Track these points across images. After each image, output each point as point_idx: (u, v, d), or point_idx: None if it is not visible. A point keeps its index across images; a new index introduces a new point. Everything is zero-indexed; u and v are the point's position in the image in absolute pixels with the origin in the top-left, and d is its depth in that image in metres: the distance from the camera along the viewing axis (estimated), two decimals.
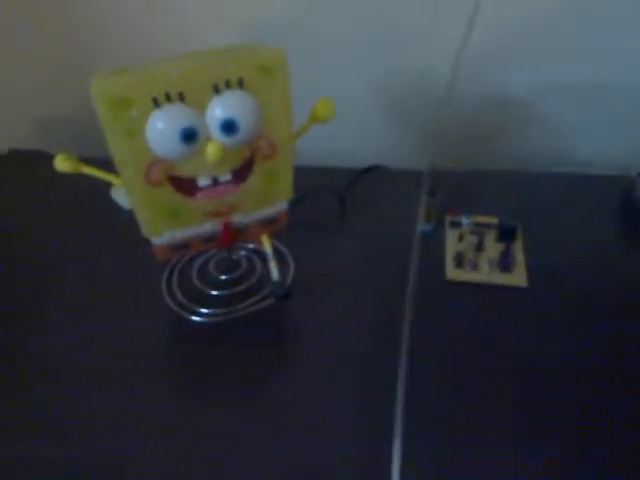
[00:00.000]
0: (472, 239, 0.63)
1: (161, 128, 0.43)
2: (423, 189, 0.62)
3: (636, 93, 0.70)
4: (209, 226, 0.52)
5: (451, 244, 0.63)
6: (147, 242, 0.51)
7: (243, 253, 0.63)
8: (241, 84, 0.45)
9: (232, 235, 0.53)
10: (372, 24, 0.69)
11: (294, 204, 0.56)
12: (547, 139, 0.75)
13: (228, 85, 0.44)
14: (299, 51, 0.60)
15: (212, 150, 0.45)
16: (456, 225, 0.65)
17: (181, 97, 0.43)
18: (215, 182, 0.48)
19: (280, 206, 0.54)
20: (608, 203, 0.68)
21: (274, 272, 0.56)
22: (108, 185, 0.49)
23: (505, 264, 0.60)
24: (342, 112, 0.53)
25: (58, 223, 0.68)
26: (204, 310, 0.57)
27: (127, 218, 0.49)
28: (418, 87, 0.73)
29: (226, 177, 0.49)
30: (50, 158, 0.47)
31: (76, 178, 0.48)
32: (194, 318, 0.56)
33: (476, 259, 0.61)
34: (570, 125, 0.74)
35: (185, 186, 0.48)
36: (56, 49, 0.74)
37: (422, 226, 0.64)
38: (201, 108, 0.44)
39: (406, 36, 0.69)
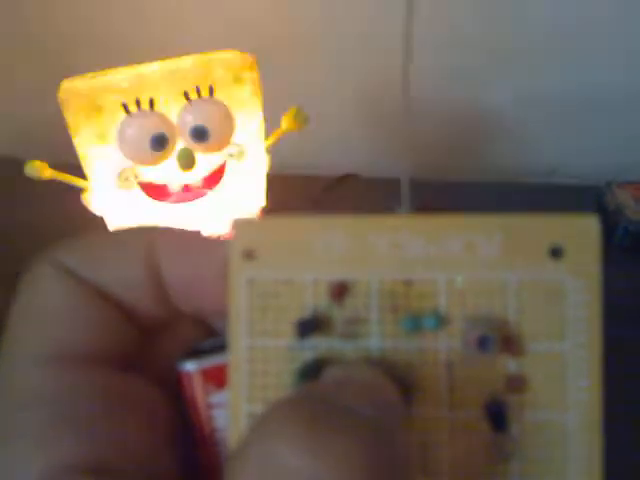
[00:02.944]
0: None
1: (131, 134, 0.44)
2: (394, 198, 0.63)
3: (602, 104, 0.71)
4: None
5: None
6: None
7: None
8: (212, 91, 0.45)
9: None
10: (350, 33, 0.70)
11: (268, 211, 0.56)
12: (516, 150, 0.76)
13: (199, 92, 0.45)
14: (276, 58, 0.61)
15: (183, 157, 0.46)
16: None
17: (151, 103, 0.44)
18: (186, 188, 0.49)
19: (253, 213, 0.54)
20: (578, 212, 0.69)
21: None
22: (80, 191, 0.49)
23: None
24: (318, 120, 0.53)
25: (29, 230, 0.68)
26: None
27: (100, 224, 0.49)
28: (394, 97, 0.73)
29: (197, 183, 0.49)
30: (21, 164, 0.47)
31: (49, 184, 0.48)
32: None
33: None
34: (537, 136, 0.75)
35: (156, 192, 0.48)
36: (32, 53, 0.74)
37: None
38: (172, 115, 0.45)
39: (383, 45, 0.70)
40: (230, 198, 0.51)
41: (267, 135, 0.51)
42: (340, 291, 0.15)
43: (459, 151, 0.75)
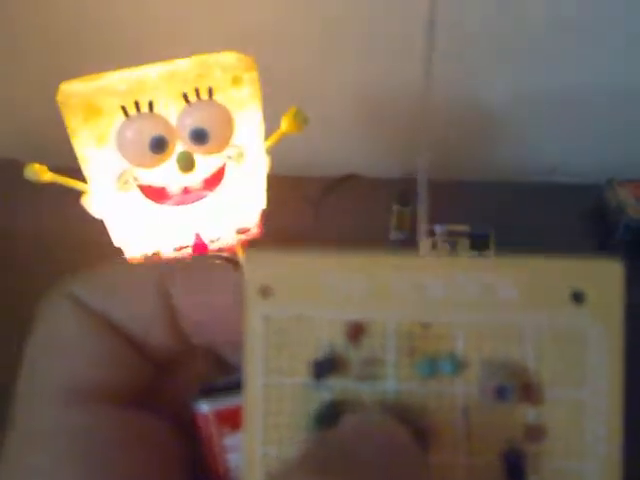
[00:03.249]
0: (445, 247, 0.63)
1: (130, 137, 0.43)
2: (395, 198, 0.63)
3: (604, 102, 0.71)
4: (181, 235, 0.52)
5: (424, 252, 0.63)
6: (120, 251, 0.51)
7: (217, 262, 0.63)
8: (211, 93, 0.45)
9: (204, 244, 0.53)
10: (353, 33, 0.70)
11: (269, 213, 0.56)
12: (516, 149, 0.76)
13: (198, 94, 0.45)
14: (278, 59, 0.61)
15: (182, 159, 0.46)
16: (429, 233, 0.65)
17: (150, 106, 0.43)
18: (186, 190, 0.48)
19: (253, 215, 0.54)
20: (580, 210, 0.69)
21: None
22: (80, 193, 0.49)
23: None
24: (319, 121, 0.53)
25: (29, 232, 0.68)
26: None
27: (99, 226, 0.49)
28: (395, 97, 0.73)
29: (197, 186, 0.49)
30: (21, 167, 0.47)
31: (48, 187, 0.48)
32: None
33: None
34: (540, 133, 0.75)
35: (155, 194, 0.48)
36: (33, 57, 0.74)
37: (394, 234, 0.65)
38: (171, 117, 0.44)
39: (386, 46, 0.70)
40: (230, 200, 0.51)
41: (267, 136, 0.51)
42: (357, 331, 0.15)
43: (460, 150, 0.75)
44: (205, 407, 0.16)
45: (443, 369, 0.15)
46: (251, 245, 0.57)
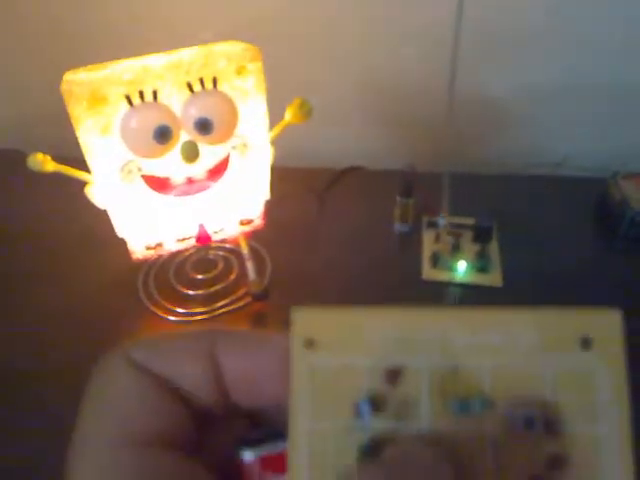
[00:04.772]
0: (448, 239, 0.63)
1: (134, 127, 0.43)
2: (398, 190, 0.62)
3: (612, 95, 0.71)
4: (185, 225, 0.52)
5: (428, 244, 0.63)
6: (123, 241, 0.51)
7: (220, 253, 0.63)
8: (215, 83, 0.45)
9: (208, 235, 0.53)
10: (357, 23, 0.70)
11: (272, 204, 0.56)
12: (523, 141, 0.76)
13: (202, 84, 0.44)
14: (281, 50, 0.61)
15: (186, 149, 0.45)
16: (433, 225, 0.65)
17: (155, 95, 0.43)
18: (190, 181, 0.48)
19: (257, 206, 0.54)
20: (584, 204, 0.69)
21: (251, 272, 0.56)
22: (84, 184, 0.48)
23: (481, 264, 0.60)
24: (324, 112, 0.53)
25: (32, 223, 0.68)
26: (181, 310, 0.57)
27: (103, 217, 0.49)
28: (399, 89, 0.73)
29: (200, 176, 0.48)
30: (25, 157, 0.46)
31: (51, 177, 0.48)
32: (171, 318, 0.56)
33: (452, 259, 0.61)
34: (545, 127, 0.74)
35: (159, 185, 0.47)
36: (35, 47, 0.74)
37: (398, 226, 0.65)
38: (175, 107, 0.44)
39: (391, 37, 0.70)
40: (234, 191, 0.51)
41: (271, 127, 0.50)
42: (394, 375, 0.16)
43: (465, 143, 0.75)
44: (249, 455, 0.18)
45: (473, 408, 0.16)
46: (255, 236, 0.57)
